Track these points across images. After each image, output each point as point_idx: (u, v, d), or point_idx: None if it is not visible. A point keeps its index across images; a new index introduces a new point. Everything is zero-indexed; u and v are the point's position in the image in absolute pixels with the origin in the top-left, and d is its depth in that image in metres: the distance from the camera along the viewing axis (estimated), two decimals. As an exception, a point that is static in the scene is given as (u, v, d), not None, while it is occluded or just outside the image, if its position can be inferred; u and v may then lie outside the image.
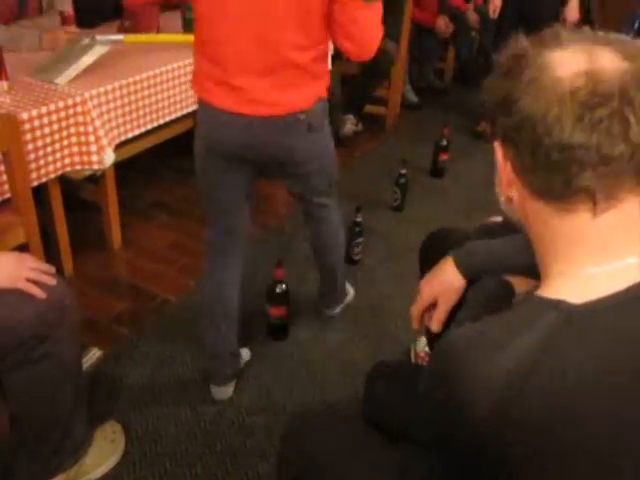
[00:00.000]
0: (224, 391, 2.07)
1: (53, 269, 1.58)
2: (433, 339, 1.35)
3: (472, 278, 1.24)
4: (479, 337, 0.75)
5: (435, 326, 1.26)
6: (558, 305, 0.73)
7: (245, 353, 2.24)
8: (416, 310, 1.31)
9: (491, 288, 1.19)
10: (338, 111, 3.83)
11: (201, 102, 1.85)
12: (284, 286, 2.23)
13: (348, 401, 2.09)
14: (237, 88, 1.70)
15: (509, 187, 0.82)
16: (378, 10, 1.68)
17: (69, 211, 2.54)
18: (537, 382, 0.70)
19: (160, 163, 3.44)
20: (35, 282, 1.49)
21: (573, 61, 0.72)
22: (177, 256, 2.77)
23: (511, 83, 0.76)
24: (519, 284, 1.20)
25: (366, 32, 1.69)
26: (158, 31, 2.93)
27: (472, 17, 4.83)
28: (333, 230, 2.27)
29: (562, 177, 0.73)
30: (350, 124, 3.88)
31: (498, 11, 3.85)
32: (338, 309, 2.47)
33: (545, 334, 0.71)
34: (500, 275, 1.20)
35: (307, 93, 1.75)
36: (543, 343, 0.71)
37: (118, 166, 2.66)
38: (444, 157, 3.54)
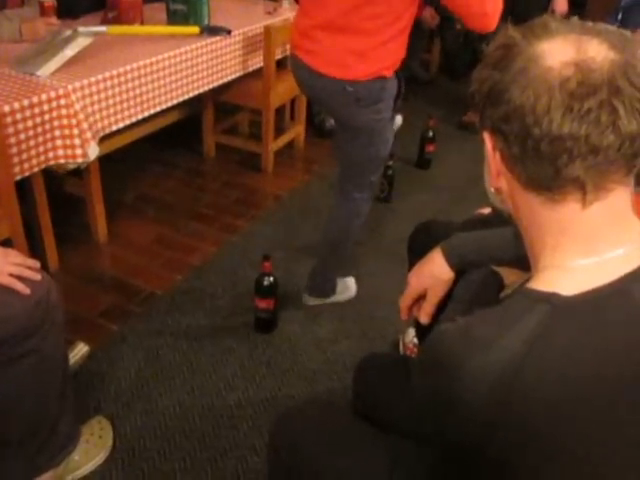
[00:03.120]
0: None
1: (38, 264, 1.56)
2: (422, 331, 1.35)
3: (461, 269, 1.24)
4: (470, 332, 0.75)
5: (424, 318, 1.25)
6: (550, 298, 0.73)
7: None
8: (404, 302, 1.30)
9: (480, 280, 1.19)
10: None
11: None
12: (272, 279, 2.22)
13: (336, 393, 2.09)
14: (307, 36, 1.93)
15: (498, 178, 0.81)
16: None
17: (54, 205, 2.51)
18: (530, 376, 0.70)
19: (146, 156, 3.41)
20: (19, 277, 1.47)
21: (562, 51, 0.72)
22: (163, 250, 2.75)
23: (500, 73, 0.75)
24: (508, 275, 1.20)
25: (474, 10, 1.73)
26: (142, 23, 2.90)
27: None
28: (342, 218, 2.29)
29: (551, 167, 0.73)
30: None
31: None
32: (316, 301, 2.45)
33: (537, 327, 0.71)
34: (489, 266, 1.20)
35: (363, 64, 1.85)
36: (535, 336, 0.70)
37: (103, 159, 2.64)
38: (430, 148, 3.53)
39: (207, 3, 2.99)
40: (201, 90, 2.94)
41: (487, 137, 0.80)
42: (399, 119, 3.23)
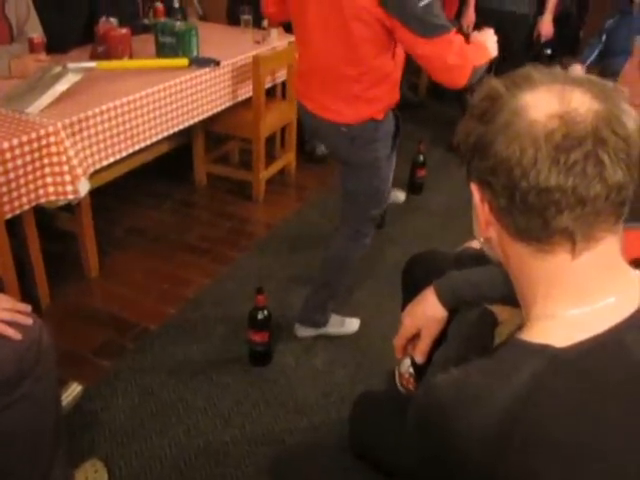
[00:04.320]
0: None
1: (29, 308, 1.55)
2: (418, 367, 1.34)
3: (454, 308, 1.24)
4: (463, 388, 0.74)
5: (419, 358, 1.25)
6: (543, 350, 0.72)
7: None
8: (399, 341, 1.30)
9: (473, 318, 1.18)
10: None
11: None
12: (265, 312, 2.21)
13: (333, 427, 2.07)
14: (305, 83, 2.05)
15: (487, 228, 0.81)
16: (444, 43, 1.68)
17: (45, 240, 2.50)
18: (526, 429, 0.69)
19: (138, 187, 3.40)
20: (10, 323, 1.45)
21: (546, 103, 0.72)
22: (156, 283, 2.73)
23: (485, 126, 0.75)
24: (501, 312, 1.20)
25: (437, 64, 1.72)
26: (131, 56, 2.91)
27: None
28: (341, 250, 2.30)
29: (540, 219, 0.73)
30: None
31: (472, 26, 3.88)
32: (308, 332, 2.43)
33: (531, 381, 0.70)
34: (482, 305, 1.20)
35: (351, 110, 1.92)
36: (530, 390, 0.70)
37: (94, 192, 2.63)
38: (421, 173, 3.55)
39: (196, 35, 3.01)
40: (191, 122, 2.95)
41: (475, 188, 0.80)
42: (402, 196, 3.30)
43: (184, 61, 2.89)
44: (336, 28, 1.77)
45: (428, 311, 1.24)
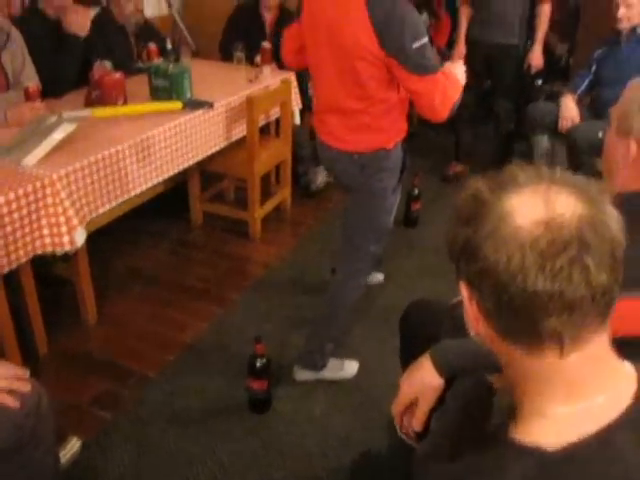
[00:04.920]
0: None
1: (27, 373, 1.56)
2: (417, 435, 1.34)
3: (450, 376, 1.24)
4: None
5: (417, 426, 1.25)
6: (533, 452, 0.73)
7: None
8: (396, 408, 1.30)
9: (470, 388, 1.18)
10: (308, 164, 3.85)
11: None
12: (264, 360, 2.21)
13: (334, 473, 2.07)
14: (321, 120, 2.21)
15: (477, 324, 0.82)
16: (434, 81, 1.89)
17: (42, 286, 2.51)
18: None
19: (134, 228, 3.40)
20: (9, 390, 1.46)
21: (531, 208, 0.73)
22: (154, 328, 2.73)
23: (472, 231, 0.76)
24: (497, 380, 1.20)
25: (424, 101, 1.93)
26: (125, 100, 2.93)
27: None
28: (339, 288, 2.35)
29: (527, 323, 0.74)
30: (321, 176, 3.89)
31: (463, 56, 3.92)
32: (307, 375, 2.43)
33: None
34: (479, 373, 1.20)
35: (363, 139, 2.08)
36: None
37: (91, 235, 2.61)
38: (416, 206, 3.57)
39: (189, 77, 3.03)
40: (186, 165, 2.97)
41: (463, 287, 0.81)
42: (380, 276, 3.18)
43: (178, 105, 2.92)
44: (345, 68, 1.97)
45: (425, 379, 1.25)
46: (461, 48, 3.91)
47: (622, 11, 3.29)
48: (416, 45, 1.83)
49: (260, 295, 2.98)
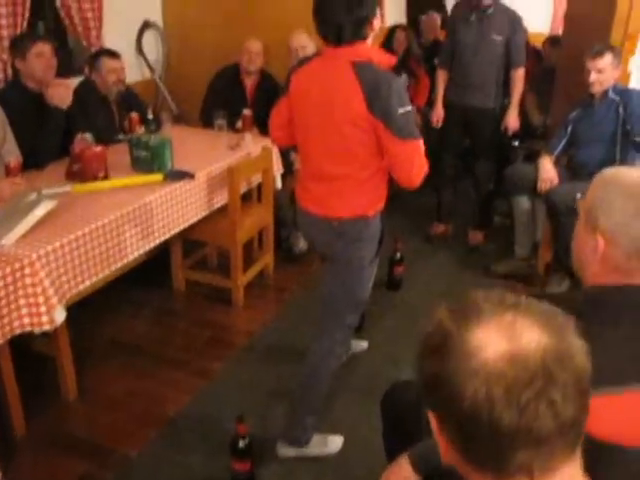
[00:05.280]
0: None
1: None
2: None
3: (428, 476, 1.23)
4: None
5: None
6: None
7: None
8: None
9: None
10: (290, 227, 3.86)
11: None
12: (247, 440, 2.17)
13: None
14: (304, 188, 2.25)
15: (447, 453, 0.81)
16: (414, 147, 1.99)
17: (20, 362, 2.46)
18: None
19: (116, 296, 3.36)
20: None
21: (496, 342, 0.73)
22: (135, 402, 2.68)
23: (438, 364, 0.76)
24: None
25: (403, 165, 2.02)
26: (107, 173, 2.93)
27: (416, 119, 5.02)
28: (316, 358, 2.33)
29: (495, 454, 0.73)
30: (304, 240, 3.90)
31: (441, 120, 3.99)
32: (290, 452, 2.39)
33: None
34: (457, 475, 1.19)
35: (344, 205, 2.13)
36: None
37: (71, 306, 2.58)
38: (399, 270, 3.57)
39: (170, 148, 3.06)
40: (167, 236, 2.97)
41: (431, 417, 0.80)
42: (364, 344, 3.10)
43: (159, 177, 2.94)
44: (334, 134, 2.04)
45: (403, 478, 1.24)
46: (439, 111, 3.98)
47: (594, 76, 3.37)
48: (401, 111, 1.95)
49: (242, 365, 2.94)
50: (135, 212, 2.72)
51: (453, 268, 3.92)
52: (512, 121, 3.87)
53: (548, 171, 3.52)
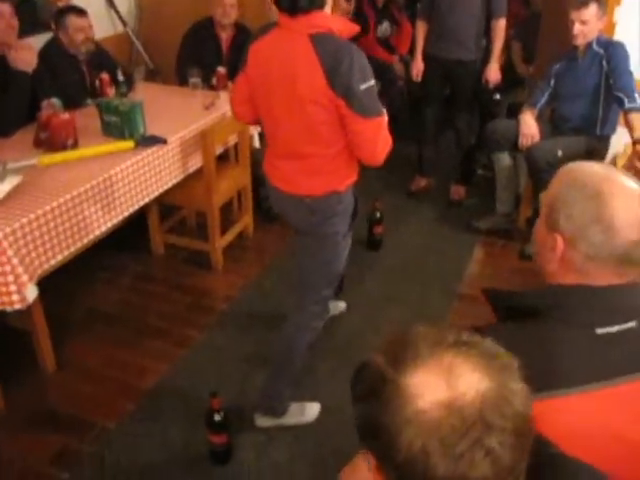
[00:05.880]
0: None
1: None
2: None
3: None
4: None
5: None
6: None
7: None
8: None
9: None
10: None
11: None
12: (222, 414, 2.19)
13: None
14: (273, 166, 2.19)
15: None
16: (378, 124, 1.92)
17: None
18: None
19: (93, 263, 3.33)
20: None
21: (433, 389, 0.71)
22: (114, 373, 2.69)
23: (374, 409, 0.74)
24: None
25: (367, 144, 1.96)
26: (76, 140, 2.85)
27: (398, 68, 4.91)
28: (292, 330, 2.34)
29: None
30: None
31: (421, 74, 3.89)
32: (268, 422, 2.42)
33: None
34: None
35: (315, 182, 2.08)
36: None
37: (48, 277, 2.55)
38: (379, 230, 3.55)
39: (140, 112, 2.97)
40: (141, 203, 2.92)
41: (370, 457, 0.78)
42: (342, 305, 3.11)
43: (130, 144, 2.86)
44: (297, 113, 1.96)
45: (360, 477, 1.24)
46: (419, 64, 3.87)
47: (577, 27, 3.27)
48: (364, 87, 1.86)
49: (222, 332, 2.94)
50: (105, 182, 2.66)
51: (434, 224, 3.89)
52: (493, 74, 3.77)
53: (530, 126, 3.46)
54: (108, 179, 2.67)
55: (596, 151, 3.47)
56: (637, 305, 1.15)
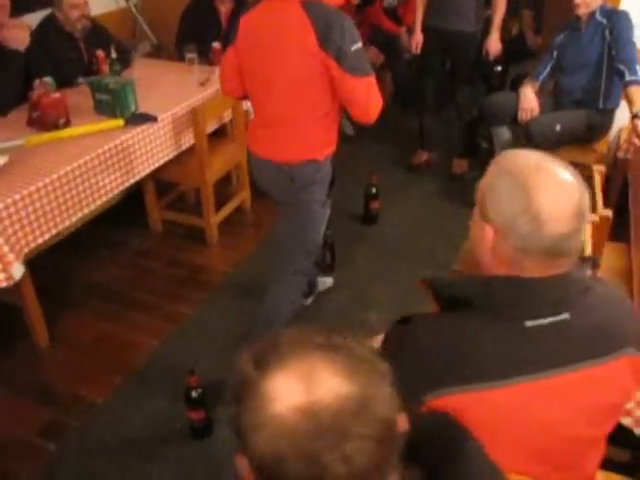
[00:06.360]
0: None
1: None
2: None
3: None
4: None
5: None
6: None
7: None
8: None
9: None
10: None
11: None
12: (200, 391, 2.23)
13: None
14: (255, 136, 2.29)
15: None
16: (369, 83, 2.05)
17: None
18: None
19: (91, 238, 3.39)
20: None
21: (291, 392, 0.72)
22: (105, 348, 2.75)
23: (237, 411, 0.75)
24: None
25: (360, 101, 2.08)
26: (67, 119, 2.88)
27: (405, 39, 4.82)
28: (273, 299, 2.44)
29: None
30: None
31: (420, 46, 3.82)
32: None
33: None
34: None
35: (295, 148, 2.18)
36: None
37: (45, 252, 2.59)
38: (375, 205, 3.53)
39: (132, 91, 2.99)
40: (132, 181, 2.95)
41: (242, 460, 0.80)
42: (328, 281, 3.11)
43: (119, 122, 2.88)
44: (285, 77, 2.07)
45: None
46: (418, 36, 3.80)
47: (579, -3, 3.18)
48: (354, 48, 2.00)
49: (213, 308, 2.98)
50: (93, 161, 2.69)
51: (434, 198, 3.86)
52: (493, 45, 3.69)
53: (529, 100, 3.39)
54: (96, 158, 2.70)
55: (598, 125, 3.39)
56: (569, 297, 1.14)
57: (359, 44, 2.02)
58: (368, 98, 2.07)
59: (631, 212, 2.74)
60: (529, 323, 1.11)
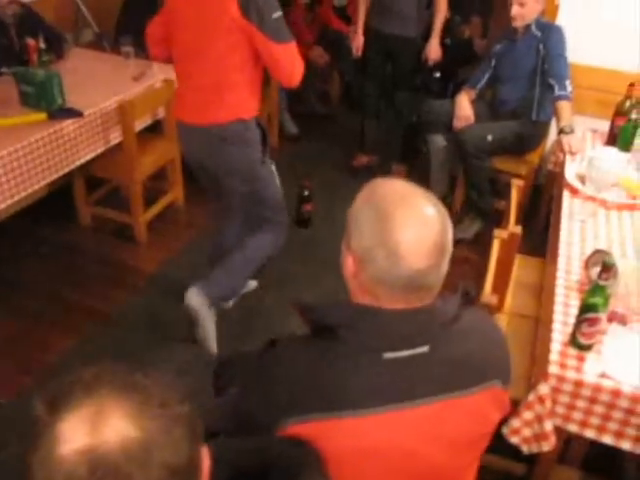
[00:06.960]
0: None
1: None
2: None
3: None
4: None
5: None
6: None
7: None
8: None
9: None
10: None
11: None
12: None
13: None
14: (182, 102, 2.43)
15: None
16: (291, 48, 2.20)
17: None
18: None
19: (17, 232, 3.31)
20: None
21: (76, 435, 0.70)
22: (18, 348, 2.69)
23: (29, 452, 0.73)
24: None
25: (284, 66, 2.22)
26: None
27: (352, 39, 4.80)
28: (245, 249, 2.64)
29: None
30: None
31: (361, 48, 3.81)
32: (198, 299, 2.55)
33: None
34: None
35: (221, 110, 2.31)
36: None
37: None
38: (307, 207, 3.51)
39: (58, 83, 2.91)
40: (55, 176, 2.88)
41: None
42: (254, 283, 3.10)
43: (42, 116, 2.81)
44: (210, 42, 2.20)
45: None
46: (359, 38, 3.79)
47: (515, 9, 3.20)
48: (275, 16, 2.15)
49: (134, 309, 2.93)
50: (11, 155, 2.62)
51: (371, 203, 3.84)
52: (433, 51, 3.69)
53: (464, 109, 3.41)
54: (14, 152, 2.63)
55: (530, 137, 3.42)
56: (429, 329, 1.14)
57: (279, 12, 2.16)
58: (292, 63, 2.22)
59: (551, 226, 2.77)
60: (387, 355, 1.11)
